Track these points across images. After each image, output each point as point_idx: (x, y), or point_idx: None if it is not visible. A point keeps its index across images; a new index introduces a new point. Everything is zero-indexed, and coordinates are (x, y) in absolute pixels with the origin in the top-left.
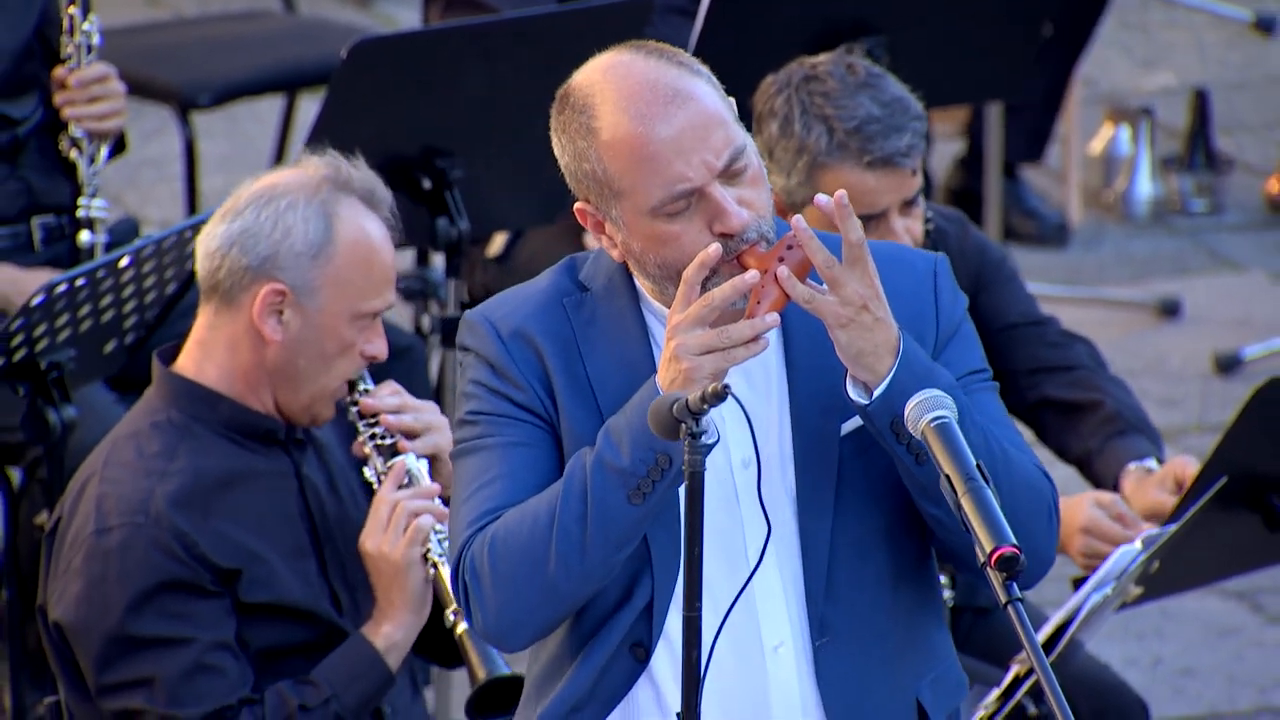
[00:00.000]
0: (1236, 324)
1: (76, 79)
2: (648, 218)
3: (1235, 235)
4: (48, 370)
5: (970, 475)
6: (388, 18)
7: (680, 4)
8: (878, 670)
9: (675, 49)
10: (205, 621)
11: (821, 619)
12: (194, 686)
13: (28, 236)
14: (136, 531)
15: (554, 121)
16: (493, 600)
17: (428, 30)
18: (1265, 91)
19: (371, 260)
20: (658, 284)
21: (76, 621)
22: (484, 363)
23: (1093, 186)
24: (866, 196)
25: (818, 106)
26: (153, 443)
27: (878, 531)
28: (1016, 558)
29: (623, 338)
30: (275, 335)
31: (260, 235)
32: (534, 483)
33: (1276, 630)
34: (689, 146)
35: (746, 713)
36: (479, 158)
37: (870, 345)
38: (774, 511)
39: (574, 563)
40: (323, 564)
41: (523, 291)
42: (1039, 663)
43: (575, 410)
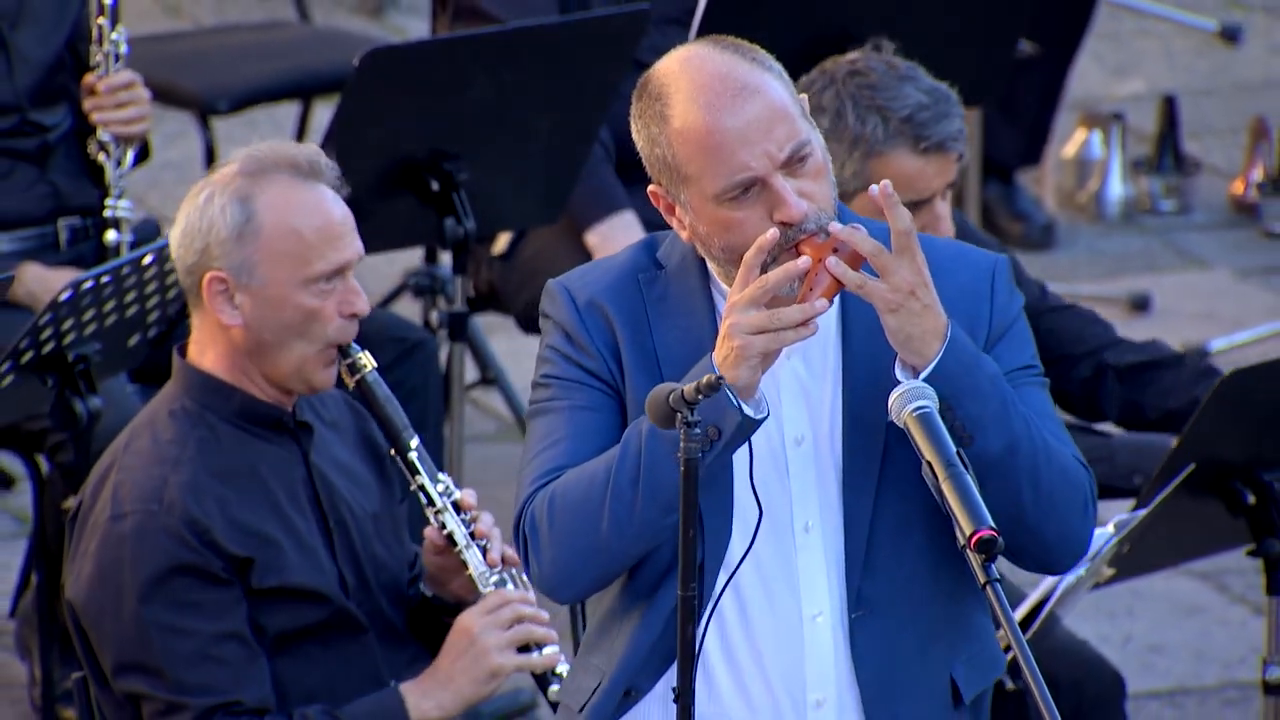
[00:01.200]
0: (1203, 318)
1: (105, 85)
2: (712, 203)
3: (1202, 234)
4: (75, 363)
5: (950, 462)
6: (398, 28)
7: (675, 15)
8: (912, 645)
9: (752, 45)
10: (214, 611)
11: (859, 591)
12: (199, 675)
13: (54, 237)
14: (150, 518)
15: (634, 108)
16: (549, 553)
17: (436, 40)
18: (1230, 98)
19: (300, 227)
20: (722, 266)
21: (90, 603)
22: (560, 329)
23: (1067, 188)
24: (919, 182)
25: (868, 98)
26: (167, 431)
27: (919, 513)
28: (994, 540)
29: (690, 314)
30: (234, 320)
31: (192, 233)
32: (597, 445)
33: (1240, 609)
34: (753, 138)
35: (783, 679)
36: (484, 160)
37: (919, 330)
38: (821, 488)
39: (624, 522)
40: (331, 546)
41: (603, 264)
42: (1016, 640)
43: (640, 380)
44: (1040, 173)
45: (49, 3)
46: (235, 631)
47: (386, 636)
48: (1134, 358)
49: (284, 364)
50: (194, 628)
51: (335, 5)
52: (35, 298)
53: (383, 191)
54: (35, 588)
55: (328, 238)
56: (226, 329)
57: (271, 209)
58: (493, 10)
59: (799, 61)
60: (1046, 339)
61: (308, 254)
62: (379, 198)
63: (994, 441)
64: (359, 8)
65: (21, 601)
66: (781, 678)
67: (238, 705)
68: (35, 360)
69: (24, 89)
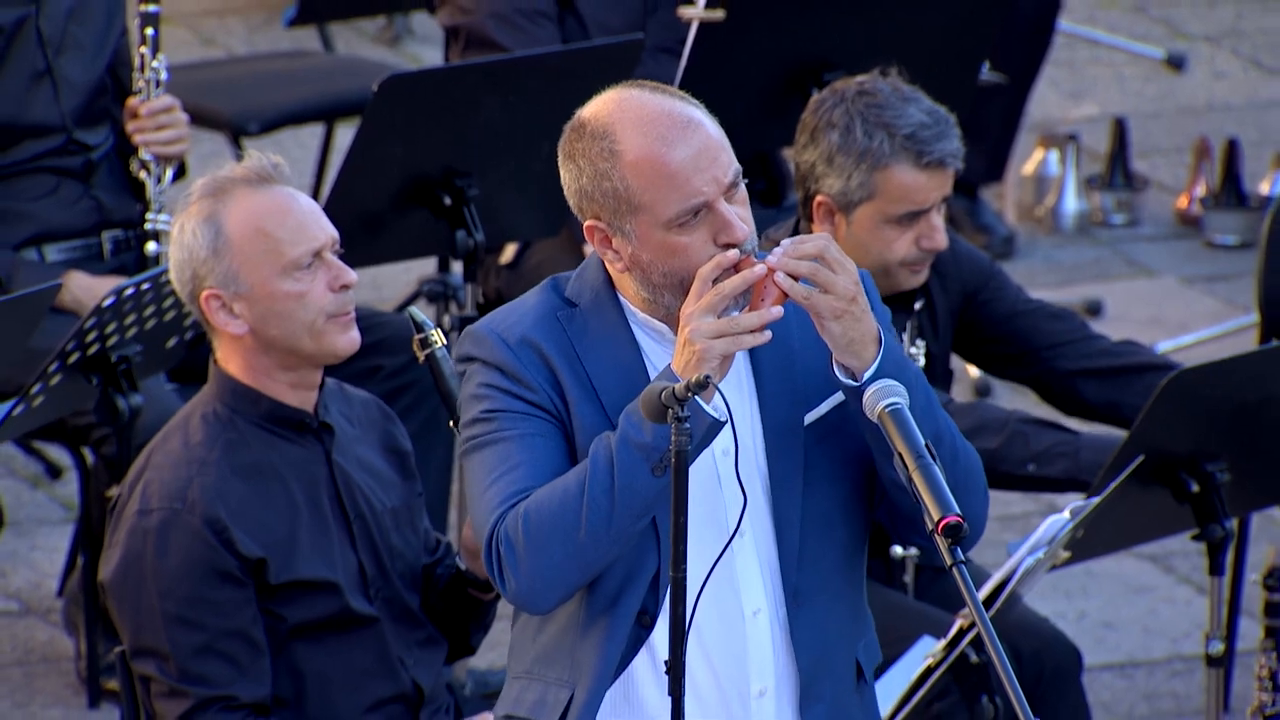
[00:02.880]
0: (1151, 323)
1: (146, 109)
2: (662, 230)
3: (1150, 245)
4: (117, 363)
5: (920, 453)
6: (414, 56)
7: (667, 44)
8: (835, 632)
9: (670, 87)
10: (225, 608)
11: (795, 587)
12: (202, 667)
13: (98, 248)
14: (174, 517)
15: (567, 149)
16: (527, 566)
17: (449, 67)
18: (1176, 120)
19: (264, 225)
20: (656, 292)
21: (114, 589)
22: (493, 368)
23: (1026, 203)
24: (919, 194)
25: (875, 116)
26: (197, 434)
27: (838, 508)
28: (960, 525)
29: (615, 344)
30: (239, 329)
31: (180, 265)
32: (551, 469)
33: (1185, 589)
34: (703, 166)
35: (729, 673)
36: (493, 178)
37: (859, 334)
38: (750, 493)
39: (601, 531)
40: (352, 538)
41: (518, 308)
42: (980, 617)
43: (583, 407)
44: (1002, 189)
45: (91, 32)
46: (242, 630)
47: (402, 619)
48: (1114, 361)
49: (298, 347)
50: (204, 622)
51: (356, 35)
52: (81, 303)
53: (399, 206)
54: (81, 569)
55: (293, 228)
56: (238, 339)
57: (235, 218)
58: (501, 40)
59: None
60: (1031, 336)
61: (279, 247)
62: (396, 212)
63: (924, 433)
64: (378, 38)
65: (68, 582)
66: (727, 672)
67: (234, 700)
68: (81, 360)
69: (69, 111)
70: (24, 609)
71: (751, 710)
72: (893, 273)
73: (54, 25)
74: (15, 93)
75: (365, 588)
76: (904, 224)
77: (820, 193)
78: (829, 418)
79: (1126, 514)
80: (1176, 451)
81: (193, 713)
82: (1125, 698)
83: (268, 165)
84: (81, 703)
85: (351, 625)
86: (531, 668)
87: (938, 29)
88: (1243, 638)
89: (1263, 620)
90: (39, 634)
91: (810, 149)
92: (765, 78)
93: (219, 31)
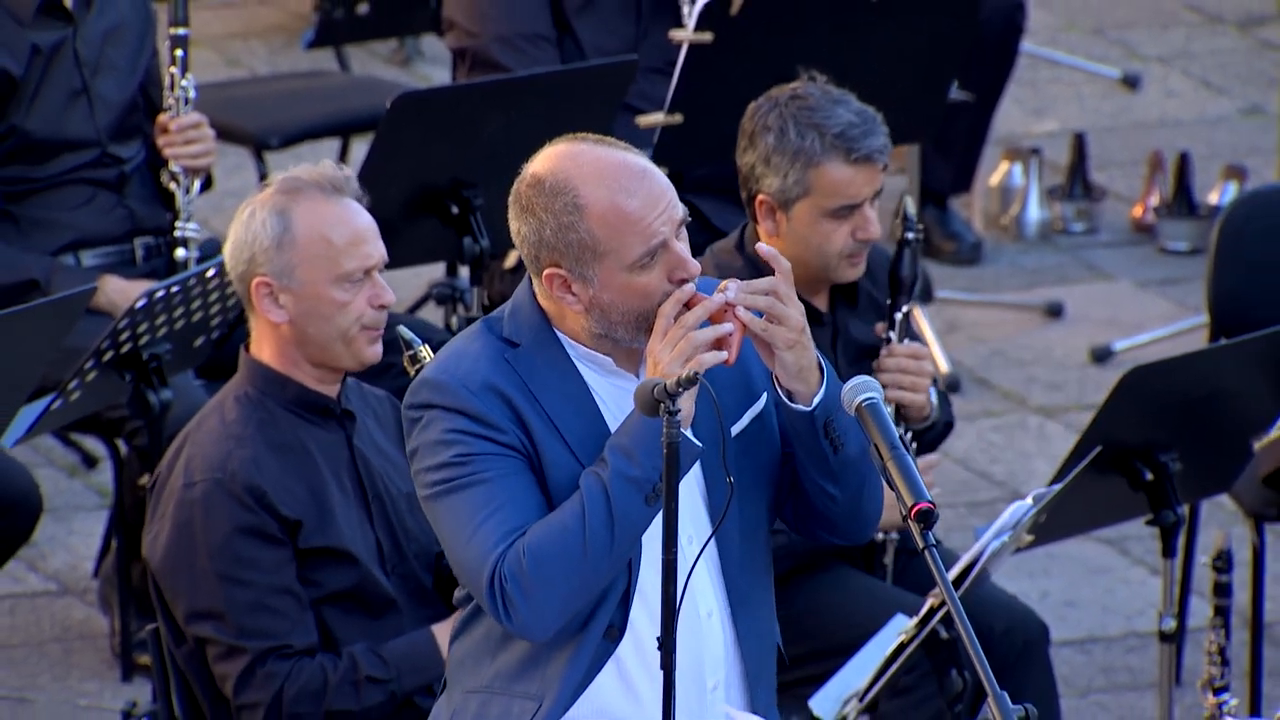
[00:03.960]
0: (1108, 323)
1: (176, 125)
2: (626, 272)
3: (1107, 251)
4: (148, 360)
5: (894, 445)
6: (424, 76)
7: (658, 65)
8: (766, 626)
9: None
10: (270, 566)
11: (738, 589)
12: (257, 622)
13: (131, 254)
14: (217, 486)
15: (525, 203)
16: (536, 598)
17: (456, 86)
18: (1131, 135)
19: (329, 234)
20: (611, 328)
21: (166, 561)
22: (458, 414)
23: (992, 212)
24: (850, 188)
25: (806, 117)
26: (232, 413)
27: (763, 512)
28: (932, 511)
29: (564, 379)
30: (280, 318)
31: (240, 246)
32: (533, 505)
33: (1140, 570)
34: (659, 209)
35: (686, 670)
36: (497, 188)
37: (808, 362)
38: (693, 505)
39: (603, 560)
40: (370, 518)
41: (465, 354)
42: (950, 596)
43: (548, 442)
44: (970, 199)
45: (124, 54)
46: (287, 586)
47: (416, 596)
48: None
49: (329, 349)
50: (253, 580)
51: (370, 56)
52: (115, 305)
53: (410, 215)
54: (115, 552)
55: (353, 242)
56: (276, 326)
57: (305, 220)
58: (504, 61)
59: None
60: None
61: (337, 256)
62: (407, 220)
63: (853, 446)
64: (390, 59)
65: (103, 564)
66: (685, 669)
67: (288, 648)
68: (115, 358)
69: (103, 127)
70: (62, 589)
71: (706, 703)
72: (833, 265)
73: (90, 47)
74: (54, 110)
75: (383, 564)
76: (839, 217)
77: (761, 192)
78: (749, 429)
79: (1085, 500)
80: (1132, 442)
81: (253, 666)
82: (1084, 671)
83: (341, 177)
84: (115, 676)
85: (372, 598)
86: (492, 683)
87: (910, 51)
88: (1193, 616)
89: (1211, 599)
90: (76, 613)
91: (750, 152)
92: (750, 95)
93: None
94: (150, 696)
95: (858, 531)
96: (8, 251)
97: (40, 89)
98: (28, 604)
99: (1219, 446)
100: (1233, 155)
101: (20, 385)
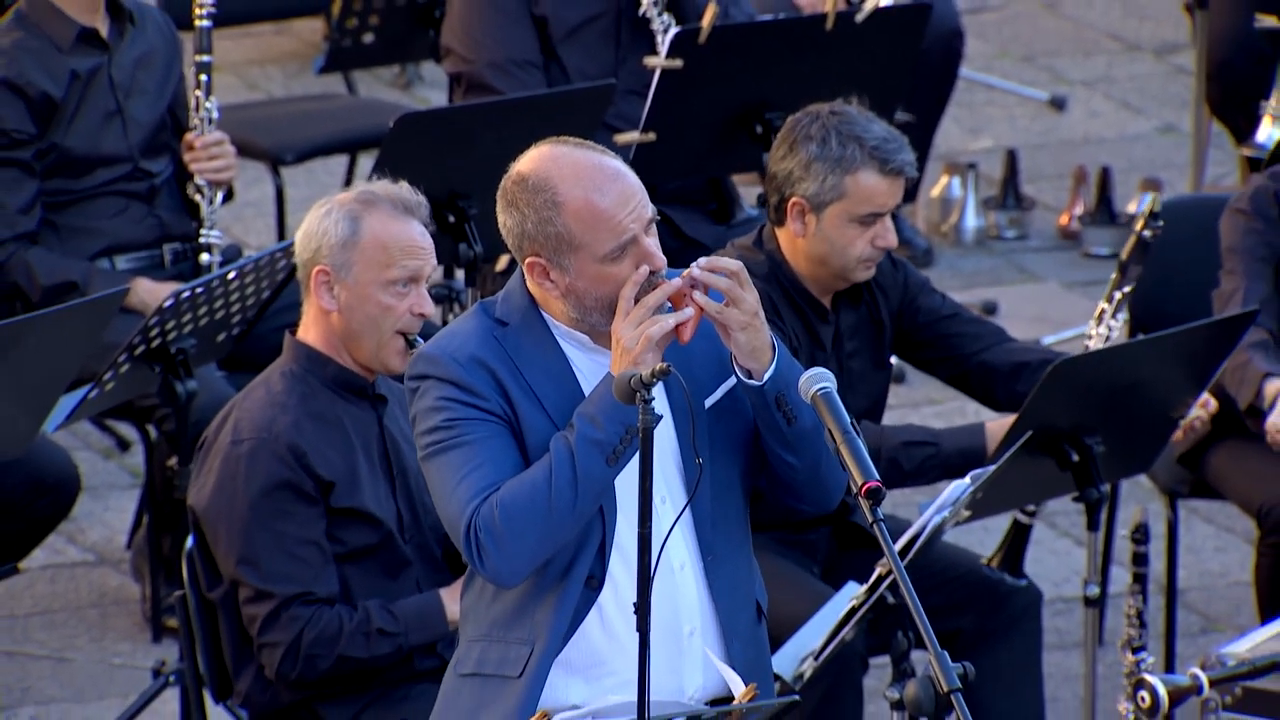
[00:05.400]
0: (1037, 320)
1: (201, 143)
2: (598, 263)
3: (1037, 256)
4: (175, 354)
5: (846, 430)
6: (423, 98)
7: (635, 88)
8: (738, 578)
9: (590, 142)
10: (302, 520)
11: (710, 545)
12: (285, 568)
13: (160, 258)
14: (261, 445)
15: (509, 198)
16: (506, 549)
17: (452, 107)
18: (1058, 151)
19: (388, 243)
20: (586, 313)
21: (210, 509)
22: (448, 384)
23: (934, 220)
24: (880, 197)
25: (848, 129)
26: (278, 385)
27: (736, 477)
28: (880, 489)
29: (546, 356)
30: (331, 306)
31: (311, 235)
32: (510, 465)
33: (1066, 541)
34: (629, 208)
35: (663, 617)
36: (489, 200)
37: (760, 343)
38: (666, 470)
39: (567, 514)
40: (393, 489)
41: (459, 332)
42: (896, 565)
43: (528, 410)
44: (915, 208)
45: (154, 79)
46: (315, 539)
47: (428, 564)
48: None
49: (366, 347)
50: (285, 531)
51: (375, 81)
52: (145, 305)
53: None
54: (146, 526)
55: (408, 254)
56: (326, 313)
57: (372, 228)
58: (496, 85)
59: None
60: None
61: (392, 265)
62: None
63: (806, 419)
64: (393, 83)
65: (135, 537)
66: (663, 617)
67: (311, 595)
68: (145, 352)
69: (135, 144)
70: (98, 560)
71: (683, 647)
72: (851, 268)
73: (123, 73)
74: (91, 129)
75: (402, 532)
76: (864, 224)
77: (795, 195)
78: (722, 402)
79: (1018, 479)
80: (1060, 427)
81: (278, 610)
82: None
83: (414, 200)
84: (146, 638)
85: (391, 559)
86: (490, 631)
87: (859, 77)
88: (1114, 583)
89: (1130, 568)
90: (111, 581)
91: (789, 158)
92: (716, 115)
93: (260, 78)
94: (178, 656)
95: (822, 500)
96: (50, 257)
97: (79, 110)
98: (67, 573)
99: (1139, 431)
100: (1150, 169)
101: (60, 376)
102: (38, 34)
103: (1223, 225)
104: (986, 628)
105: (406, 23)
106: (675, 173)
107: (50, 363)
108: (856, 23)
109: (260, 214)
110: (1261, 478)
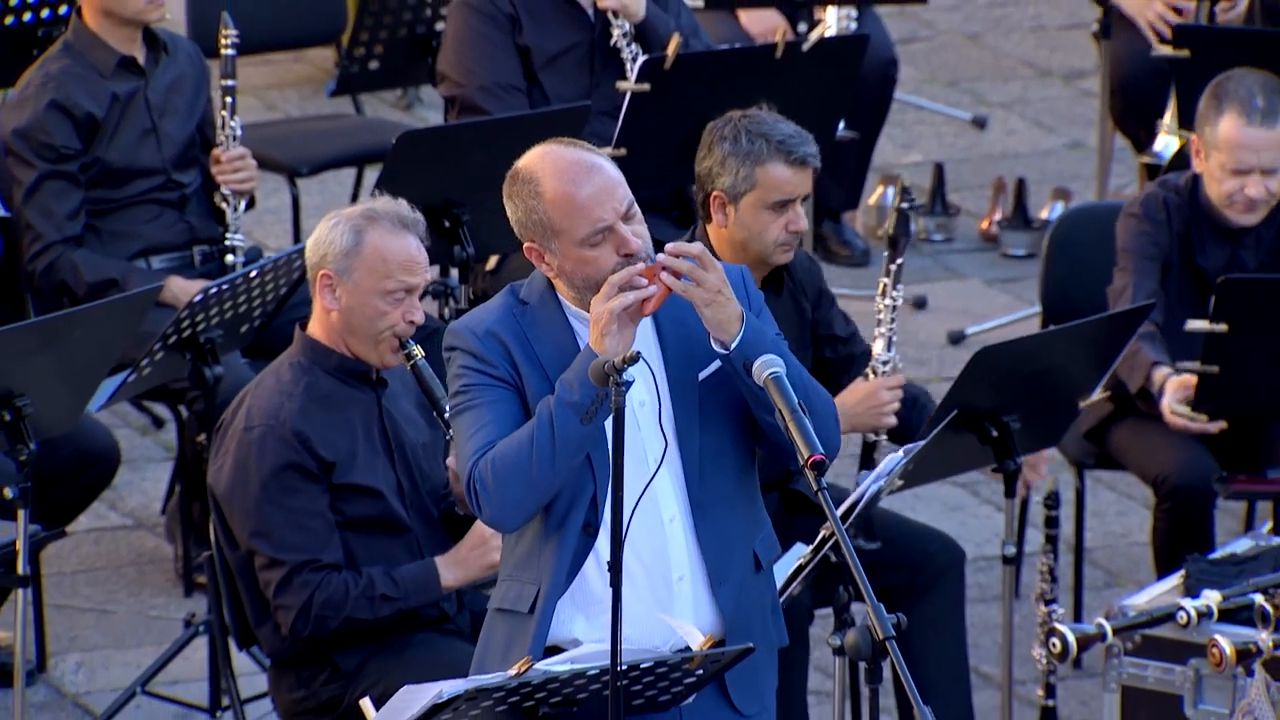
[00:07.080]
0: (961, 313)
1: (226, 157)
2: (577, 248)
3: (961, 256)
4: (204, 343)
5: (794, 409)
6: (423, 118)
7: (607, 109)
8: (731, 531)
9: (582, 141)
10: (308, 496)
11: (698, 499)
12: (294, 538)
13: (190, 259)
14: (269, 431)
15: (507, 191)
16: (496, 498)
17: (447, 125)
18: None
19: (387, 256)
20: (579, 292)
21: (227, 490)
22: (468, 354)
23: (870, 225)
24: (788, 185)
25: (756, 128)
26: (286, 375)
27: (728, 441)
28: (823, 463)
29: (556, 331)
30: (332, 305)
31: (320, 242)
32: (512, 425)
33: (988, 508)
34: (604, 199)
35: (654, 565)
36: (480, 207)
37: (726, 317)
38: (652, 425)
39: (547, 467)
40: (393, 461)
41: (486, 309)
42: (838, 528)
43: (534, 379)
44: (855, 214)
45: (184, 100)
46: (320, 512)
47: (427, 527)
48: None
49: (362, 345)
50: (293, 505)
51: (380, 102)
52: (177, 300)
53: None
54: (178, 494)
55: (404, 266)
56: (329, 312)
57: (373, 242)
58: (485, 106)
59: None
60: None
61: (389, 275)
62: None
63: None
64: (396, 104)
65: (169, 504)
66: (653, 564)
67: (318, 562)
68: (177, 341)
69: (168, 158)
70: (136, 524)
71: (673, 592)
72: (769, 251)
73: (158, 95)
74: (129, 145)
75: (403, 499)
76: (777, 210)
77: (715, 189)
78: (715, 375)
79: (944, 453)
80: (981, 407)
81: (290, 576)
82: None
83: (412, 217)
84: (179, 593)
85: (392, 526)
86: (512, 572)
87: (806, 97)
88: (1028, 543)
89: (1043, 530)
90: (147, 542)
91: (708, 158)
92: (679, 132)
93: (279, 100)
94: (206, 609)
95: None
96: (93, 257)
97: (119, 128)
98: (109, 536)
99: (1051, 410)
100: (1060, 180)
101: (103, 362)
102: (83, 61)
103: (1118, 227)
104: (917, 583)
105: (407, 52)
106: (643, 184)
107: (94, 350)
108: (803, 51)
109: (279, 220)
110: (1157, 451)
